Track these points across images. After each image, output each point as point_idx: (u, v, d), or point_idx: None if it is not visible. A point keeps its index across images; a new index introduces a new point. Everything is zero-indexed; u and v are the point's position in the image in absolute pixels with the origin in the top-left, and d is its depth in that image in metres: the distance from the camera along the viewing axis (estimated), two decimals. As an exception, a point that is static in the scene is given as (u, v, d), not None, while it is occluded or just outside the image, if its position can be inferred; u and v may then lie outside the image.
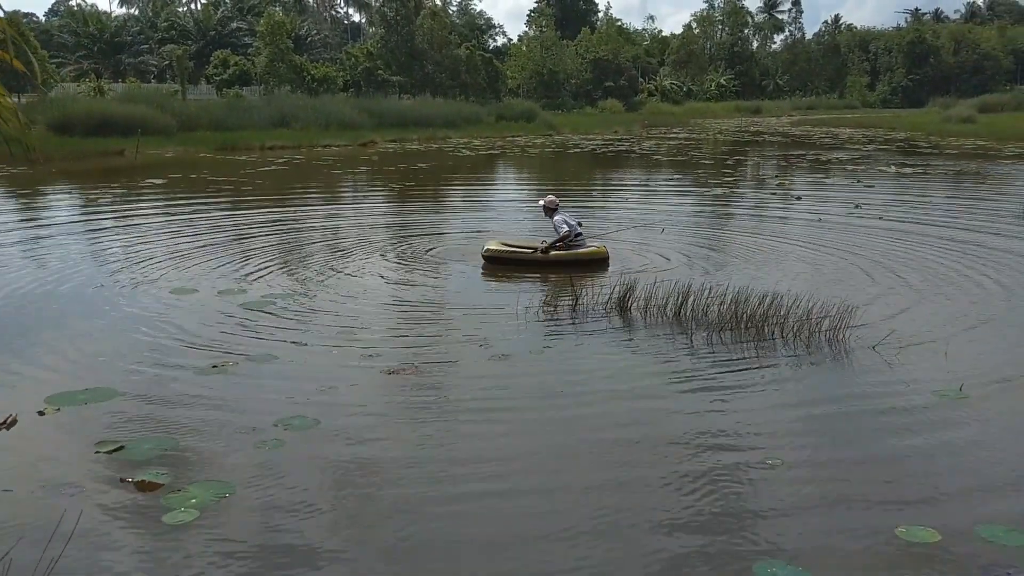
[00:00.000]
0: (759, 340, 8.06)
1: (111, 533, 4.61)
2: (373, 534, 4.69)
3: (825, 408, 6.57)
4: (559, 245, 11.60)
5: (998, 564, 4.33)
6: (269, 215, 16.73)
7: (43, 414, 6.21)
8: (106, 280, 10.72)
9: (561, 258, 11.51)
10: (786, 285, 9.91)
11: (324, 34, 78.60)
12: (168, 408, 6.35)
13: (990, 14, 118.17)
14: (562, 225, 11.64)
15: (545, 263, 11.49)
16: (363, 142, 38.53)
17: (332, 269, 11.41)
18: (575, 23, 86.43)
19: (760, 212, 18.26)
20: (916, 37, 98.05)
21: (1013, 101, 62.66)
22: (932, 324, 8.72)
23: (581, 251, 11.66)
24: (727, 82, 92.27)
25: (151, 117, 33.76)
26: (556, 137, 46.71)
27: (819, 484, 5.29)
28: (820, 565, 4.35)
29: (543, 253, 11.54)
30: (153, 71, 66.70)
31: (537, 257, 11.54)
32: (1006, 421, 6.38)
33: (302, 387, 6.82)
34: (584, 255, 11.63)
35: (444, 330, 8.60)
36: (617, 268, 11.28)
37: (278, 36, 50.72)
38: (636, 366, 7.49)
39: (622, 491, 5.14)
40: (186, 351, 7.72)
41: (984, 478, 5.40)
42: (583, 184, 24.51)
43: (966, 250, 12.62)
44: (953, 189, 22.29)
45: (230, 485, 5.12)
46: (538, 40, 72.74)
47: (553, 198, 12.11)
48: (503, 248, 11.76)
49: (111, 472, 5.30)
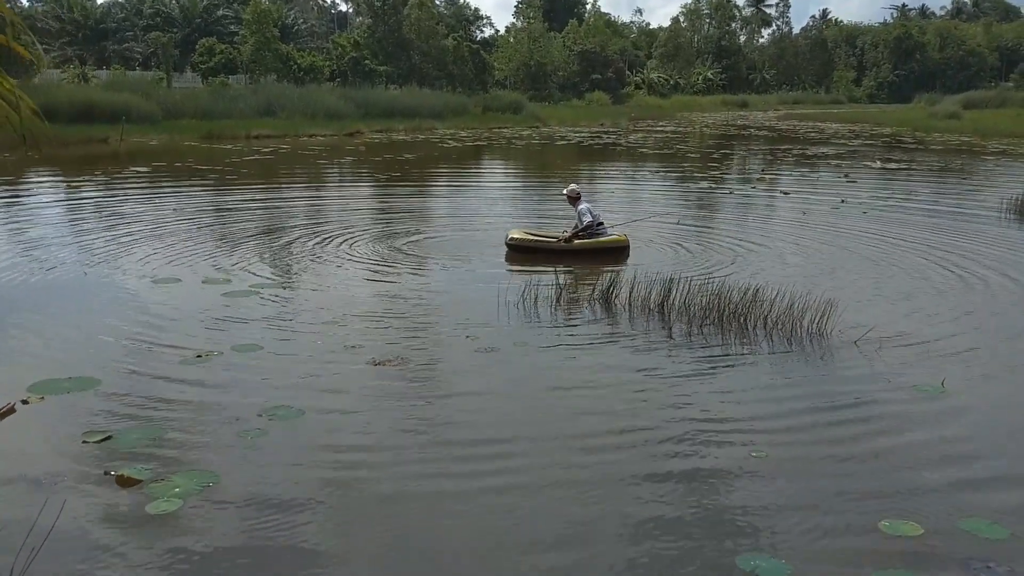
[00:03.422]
0: (742, 334, 8.09)
1: (94, 522, 4.59)
2: (356, 524, 4.69)
3: (808, 403, 6.60)
4: (582, 234, 11.80)
5: (979, 557, 4.37)
6: (254, 204, 16.65)
7: (27, 402, 6.16)
8: (90, 268, 10.65)
9: (584, 246, 11.72)
10: (769, 279, 9.93)
11: (311, 23, 78.08)
12: (152, 397, 6.31)
13: (976, 11, 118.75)
14: (586, 215, 11.87)
15: (566, 251, 11.68)
16: (349, 132, 38.40)
17: (317, 259, 11.37)
18: (563, 15, 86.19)
19: (745, 206, 18.30)
20: (903, 33, 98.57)
21: (997, 98, 62.98)
22: (914, 319, 8.77)
23: (603, 239, 11.86)
24: (714, 76, 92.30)
25: (136, 105, 33.52)
26: (543, 129, 46.68)
27: (803, 478, 5.32)
28: (804, 558, 4.38)
29: (566, 242, 11.74)
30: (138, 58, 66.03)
31: (560, 246, 11.71)
32: (988, 416, 6.43)
33: (287, 377, 6.80)
34: (606, 243, 11.84)
35: (430, 321, 8.59)
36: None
37: (264, 24, 50.33)
38: (620, 359, 7.50)
39: (607, 484, 5.15)
40: (170, 340, 7.67)
41: (967, 472, 5.44)
42: (571, 175, 24.46)
43: (949, 246, 12.69)
44: (937, 185, 22.40)
45: (214, 475, 5.10)
46: (525, 31, 72.57)
47: (575, 187, 12.34)
48: (526, 236, 11.95)
49: (95, 461, 5.27)
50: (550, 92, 67.68)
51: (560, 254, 11.63)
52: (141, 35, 66.71)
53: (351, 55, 56.17)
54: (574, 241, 11.75)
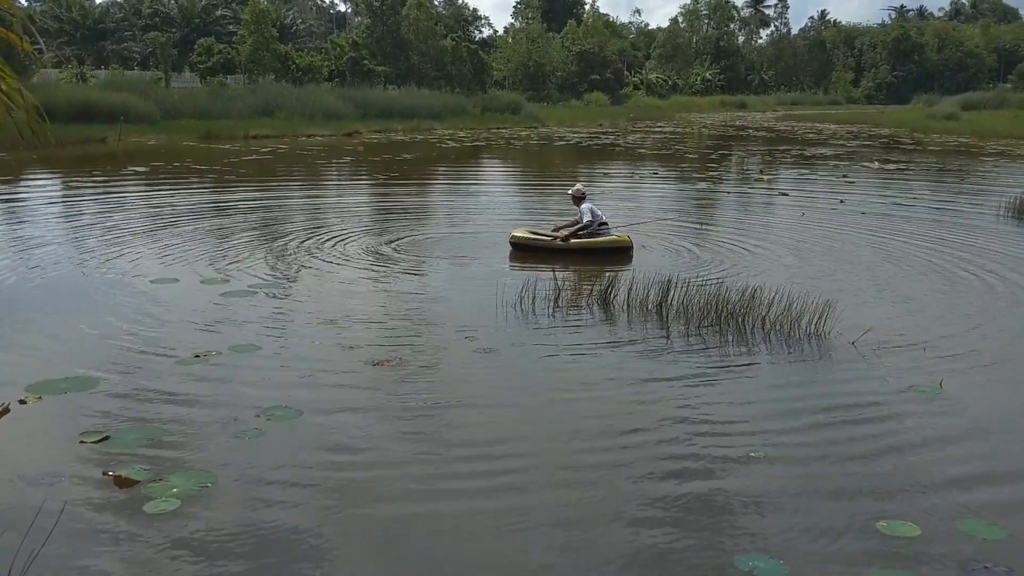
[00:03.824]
0: (740, 334, 8.09)
1: (93, 523, 4.58)
2: (354, 524, 4.69)
3: (806, 404, 6.60)
4: (581, 233, 11.88)
5: (977, 559, 4.37)
6: (252, 204, 16.64)
7: (24, 402, 6.15)
8: (88, 268, 10.64)
9: (583, 245, 11.81)
10: (767, 280, 9.92)
11: (309, 23, 78.05)
12: (150, 398, 6.31)
13: (974, 12, 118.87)
14: (586, 214, 11.97)
15: (568, 250, 11.75)
16: (348, 132, 38.34)
17: (315, 259, 11.36)
18: (561, 15, 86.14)
19: (744, 207, 18.32)
20: (901, 34, 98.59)
21: (995, 99, 63.03)
22: (912, 320, 8.78)
23: (602, 239, 11.95)
24: (712, 76, 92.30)
25: (134, 104, 33.42)
26: (541, 130, 46.65)
27: (800, 478, 5.32)
28: (802, 559, 4.38)
29: (563, 241, 11.82)
30: (136, 58, 65.97)
31: (558, 245, 11.79)
32: (986, 416, 6.43)
33: (285, 377, 6.80)
34: (606, 243, 11.93)
35: (428, 322, 8.58)
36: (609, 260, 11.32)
37: (263, 24, 50.28)
38: (617, 360, 7.50)
39: (604, 483, 5.15)
40: (168, 340, 7.66)
41: (965, 473, 5.45)
42: (569, 175, 24.46)
43: (947, 246, 12.70)
44: (935, 186, 22.43)
45: (212, 475, 5.10)
46: (524, 32, 72.55)
47: (580, 187, 12.45)
48: (528, 236, 12.05)
49: (93, 461, 5.27)
50: (548, 93, 67.66)
51: (564, 253, 11.69)
52: (139, 35, 66.67)
53: (349, 55, 56.12)
54: (571, 240, 11.79)
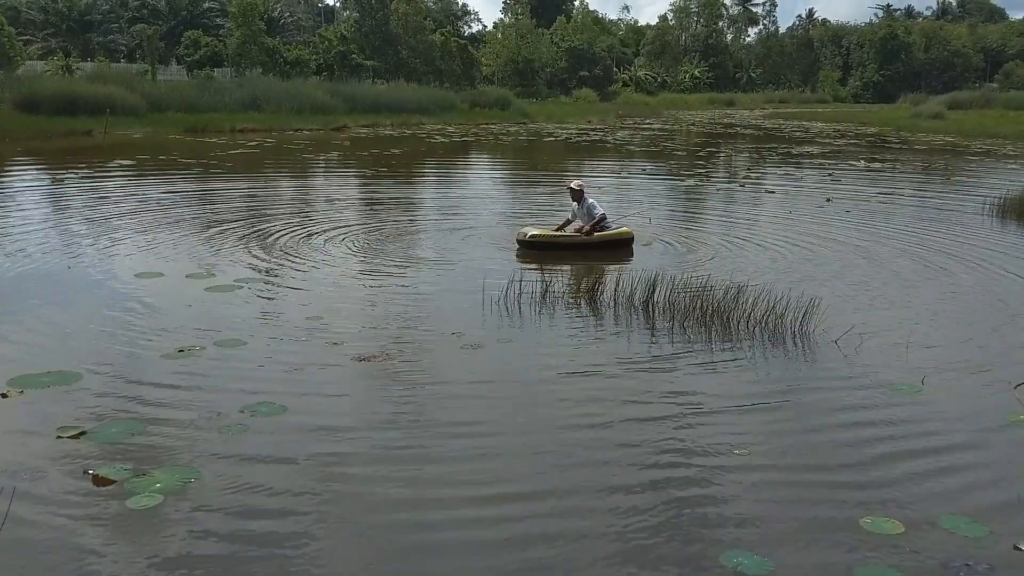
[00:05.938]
0: (725, 331, 8.10)
1: (74, 517, 4.54)
2: (338, 520, 4.66)
3: (790, 401, 6.62)
4: (599, 226, 12.05)
5: (960, 555, 4.39)
6: (239, 199, 16.56)
7: (6, 396, 6.11)
8: (72, 262, 10.57)
9: (601, 238, 11.97)
10: (753, 277, 9.97)
11: (297, 16, 77.71)
12: (133, 392, 6.27)
13: (961, 12, 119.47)
14: (597, 207, 12.12)
15: (573, 245, 11.84)
16: (336, 126, 38.26)
17: (301, 254, 11.31)
18: (551, 11, 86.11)
19: (730, 204, 18.34)
20: (888, 33, 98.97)
21: (981, 98, 63.42)
22: (894, 318, 8.82)
23: (614, 231, 12.16)
24: (701, 74, 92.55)
25: (120, 97, 33.25)
26: (530, 125, 46.66)
27: (785, 475, 5.34)
28: (786, 555, 4.39)
29: (586, 235, 11.94)
30: (123, 50, 65.58)
31: (582, 239, 11.90)
32: (968, 414, 6.45)
33: (269, 373, 6.77)
34: (617, 235, 12.13)
35: (415, 317, 8.55)
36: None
37: (250, 17, 50.11)
38: (603, 357, 7.49)
39: (589, 481, 5.15)
40: (152, 335, 7.62)
41: (947, 470, 5.47)
42: (558, 171, 24.46)
43: (931, 245, 12.76)
44: (921, 185, 22.52)
45: (195, 470, 5.07)
46: (513, 28, 72.54)
47: (580, 182, 12.55)
48: (548, 234, 12.04)
49: (74, 457, 5.22)
50: (538, 88, 67.69)
51: (573, 249, 11.77)
52: (126, 27, 66.34)
53: (338, 49, 55.97)
54: (594, 234, 11.95)
